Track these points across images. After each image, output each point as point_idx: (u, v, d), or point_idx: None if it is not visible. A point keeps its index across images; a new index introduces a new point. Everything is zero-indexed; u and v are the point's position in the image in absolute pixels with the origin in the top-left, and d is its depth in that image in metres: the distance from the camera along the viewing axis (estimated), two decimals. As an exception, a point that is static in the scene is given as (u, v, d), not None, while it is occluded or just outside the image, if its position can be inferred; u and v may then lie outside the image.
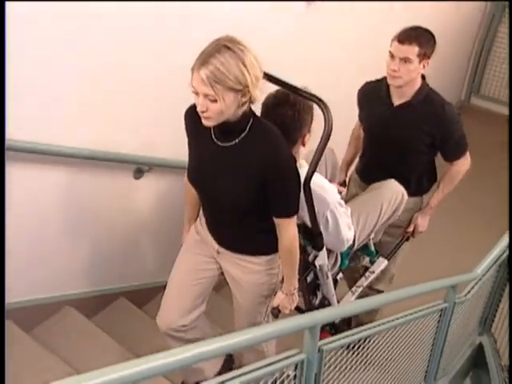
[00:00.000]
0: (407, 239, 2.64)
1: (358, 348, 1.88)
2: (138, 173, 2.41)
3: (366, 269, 2.58)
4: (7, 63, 1.64)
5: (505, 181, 3.56)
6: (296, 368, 1.49)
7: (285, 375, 1.48)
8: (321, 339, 1.54)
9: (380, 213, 2.24)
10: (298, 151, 1.87)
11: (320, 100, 1.67)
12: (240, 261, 1.90)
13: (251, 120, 1.63)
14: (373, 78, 2.46)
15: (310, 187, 1.74)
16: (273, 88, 1.79)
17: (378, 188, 2.36)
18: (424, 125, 2.32)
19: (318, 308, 2.27)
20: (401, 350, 2.17)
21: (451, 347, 2.60)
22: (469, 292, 2.43)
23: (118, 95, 2.12)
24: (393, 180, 2.33)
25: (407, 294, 2.04)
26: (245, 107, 1.57)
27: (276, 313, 1.96)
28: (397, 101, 2.37)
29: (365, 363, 2.01)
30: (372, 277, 2.51)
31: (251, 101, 1.56)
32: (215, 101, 1.47)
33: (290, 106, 1.76)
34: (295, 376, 1.50)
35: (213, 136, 1.68)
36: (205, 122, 1.56)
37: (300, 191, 1.72)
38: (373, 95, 2.46)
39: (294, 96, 1.76)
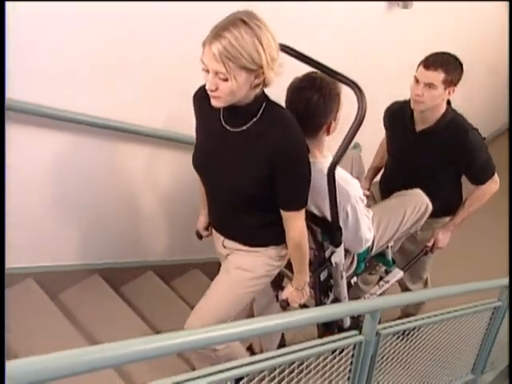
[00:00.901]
0: (425, 253, 2.54)
1: (412, 335, 1.96)
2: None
3: (381, 278, 2.47)
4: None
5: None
6: (354, 348, 1.61)
7: (344, 353, 1.60)
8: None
9: (402, 220, 2.15)
10: (322, 140, 1.77)
11: (354, 84, 1.56)
12: (243, 252, 1.80)
13: (264, 104, 1.52)
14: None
15: (334, 177, 1.64)
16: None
17: (402, 195, 2.28)
18: (447, 152, 2.25)
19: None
20: (451, 342, 2.22)
21: (502, 344, 2.60)
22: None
23: (131, 64, 2.06)
24: (419, 190, 2.24)
25: (464, 290, 2.10)
26: (257, 90, 1.47)
27: (285, 305, 1.88)
28: (420, 126, 2.31)
29: (416, 350, 2.04)
30: (386, 287, 2.41)
31: (265, 84, 1.45)
32: (226, 79, 1.36)
33: (316, 91, 1.65)
34: (353, 355, 1.62)
35: (222, 120, 1.58)
36: (213, 103, 1.46)
37: (309, 184, 1.61)
38: (397, 117, 2.40)
39: (321, 80, 1.66)
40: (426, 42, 2.98)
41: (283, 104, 1.64)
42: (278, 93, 1.58)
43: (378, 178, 2.71)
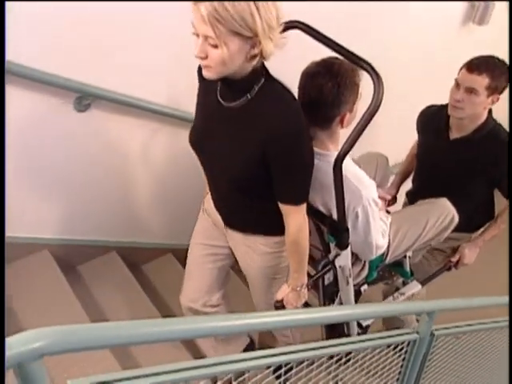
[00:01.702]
0: (448, 269, 2.33)
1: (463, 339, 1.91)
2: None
3: (397, 289, 2.31)
4: None
5: None
6: (408, 345, 1.63)
7: (398, 349, 1.62)
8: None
9: (423, 230, 1.96)
10: (336, 132, 1.60)
11: (371, 67, 1.37)
12: (245, 240, 1.67)
13: (262, 81, 1.34)
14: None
15: (340, 171, 1.47)
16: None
17: (427, 203, 2.08)
18: (481, 163, 2.03)
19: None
20: (499, 351, 2.17)
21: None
22: None
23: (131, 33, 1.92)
24: (445, 199, 2.03)
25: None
26: (254, 62, 1.28)
27: (279, 307, 1.70)
28: (455, 134, 2.10)
29: (465, 354, 1.99)
30: (400, 299, 2.25)
31: (263, 55, 1.27)
32: (216, 46, 1.19)
33: (331, 77, 1.46)
34: (406, 351, 1.64)
35: (218, 94, 1.42)
36: (204, 73, 1.29)
37: (310, 176, 1.44)
38: (431, 122, 2.19)
39: (339, 67, 1.47)
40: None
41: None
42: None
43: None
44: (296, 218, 1.48)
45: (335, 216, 1.62)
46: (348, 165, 1.56)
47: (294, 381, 1.34)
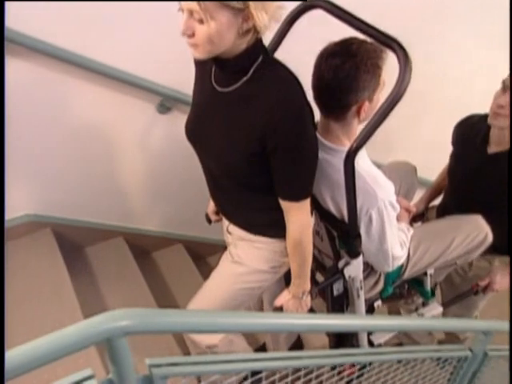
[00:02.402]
0: (475, 293, 2.08)
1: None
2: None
3: (416, 309, 2.09)
4: None
5: None
6: (459, 361, 1.63)
7: (447, 362, 1.62)
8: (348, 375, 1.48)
9: (448, 247, 1.75)
10: (353, 124, 1.38)
11: (399, 44, 1.16)
12: (245, 242, 1.51)
13: (259, 60, 1.16)
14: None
15: (352, 166, 1.28)
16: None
17: (457, 219, 1.85)
18: None
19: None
20: None
21: None
22: None
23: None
24: (479, 216, 1.80)
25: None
26: (248, 38, 1.11)
27: None
28: (493, 147, 1.83)
29: None
30: None
31: (256, 30, 1.10)
32: (202, 21, 1.03)
33: (349, 57, 1.25)
34: (455, 367, 1.65)
35: (212, 79, 1.25)
36: (193, 53, 1.13)
37: (314, 169, 1.26)
38: (468, 133, 1.93)
39: (358, 46, 1.26)
40: None
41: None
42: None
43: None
44: (298, 217, 1.31)
45: (347, 219, 1.44)
46: (363, 162, 1.38)
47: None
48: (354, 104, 1.32)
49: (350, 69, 1.25)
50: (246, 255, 1.53)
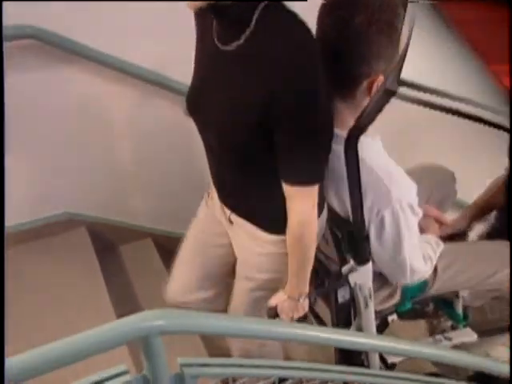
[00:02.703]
0: None
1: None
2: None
3: (443, 331, 1.86)
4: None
5: None
6: None
7: None
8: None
9: (490, 277, 1.54)
10: (362, 103, 1.09)
11: None
12: (249, 233, 1.30)
13: (262, 5, 0.96)
14: None
15: (355, 152, 1.04)
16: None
17: (506, 246, 1.51)
18: None
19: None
20: None
21: None
22: None
23: None
24: None
25: None
26: None
27: (272, 315, 1.33)
28: None
29: None
30: (444, 344, 1.78)
31: None
32: None
33: (361, 10, 0.98)
34: None
35: (214, 35, 1.06)
36: (188, 4, 0.95)
37: (326, 149, 1.05)
38: None
39: None
40: None
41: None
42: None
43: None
44: (301, 207, 1.08)
45: (351, 218, 1.23)
46: (378, 157, 1.16)
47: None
48: (365, 77, 1.05)
49: (361, 25, 0.98)
50: (252, 266, 1.40)
